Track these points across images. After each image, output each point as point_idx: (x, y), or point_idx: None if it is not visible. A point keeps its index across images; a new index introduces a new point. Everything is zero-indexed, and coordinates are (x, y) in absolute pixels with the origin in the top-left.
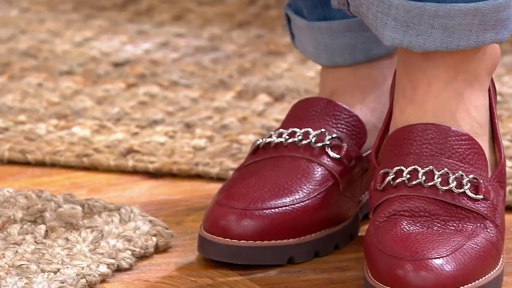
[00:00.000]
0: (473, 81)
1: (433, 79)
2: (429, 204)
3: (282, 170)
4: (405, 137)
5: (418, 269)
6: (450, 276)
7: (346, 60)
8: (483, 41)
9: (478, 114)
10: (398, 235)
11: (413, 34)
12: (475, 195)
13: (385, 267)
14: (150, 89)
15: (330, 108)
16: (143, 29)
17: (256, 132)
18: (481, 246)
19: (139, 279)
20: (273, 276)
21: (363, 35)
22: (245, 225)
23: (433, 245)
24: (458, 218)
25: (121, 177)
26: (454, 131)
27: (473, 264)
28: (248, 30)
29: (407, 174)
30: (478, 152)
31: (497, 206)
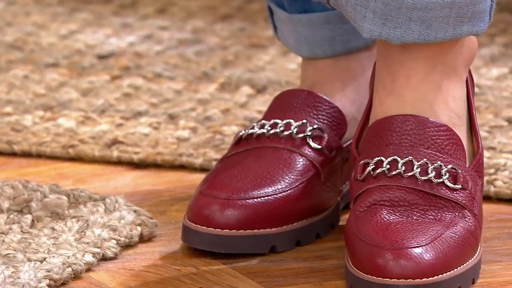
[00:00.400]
0: (451, 73)
1: (411, 71)
2: (409, 194)
3: (264, 161)
4: (385, 128)
5: (398, 257)
6: (429, 264)
7: (325, 52)
8: (460, 33)
9: (456, 105)
10: (378, 224)
11: (391, 27)
12: (453, 184)
13: (365, 256)
14: (134, 81)
15: (311, 100)
16: (127, 22)
17: (239, 123)
18: (459, 235)
19: (124, 267)
20: (256, 264)
21: (342, 27)
22: (228, 214)
23: (413, 234)
24: (437, 208)
25: (106, 168)
26: (432, 122)
27: (451, 253)
28: (231, 23)
29: (387, 164)
30: (456, 142)
31: (475, 195)
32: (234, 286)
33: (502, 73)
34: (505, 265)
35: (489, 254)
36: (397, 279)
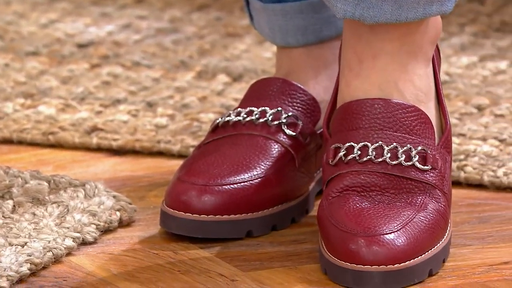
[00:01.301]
0: (417, 52)
1: (378, 51)
2: (380, 178)
3: (240, 148)
4: (354, 111)
5: (371, 244)
6: (401, 250)
7: (298, 40)
8: (430, 13)
9: (422, 83)
10: (351, 210)
11: (365, 7)
12: (423, 166)
13: (339, 242)
14: (113, 70)
15: (285, 88)
16: (106, 12)
17: (216, 111)
18: (430, 218)
19: (104, 252)
20: (232, 249)
21: (314, 16)
22: (205, 200)
23: (385, 220)
24: (408, 190)
25: (85, 154)
26: (400, 104)
27: (423, 237)
28: (207, 12)
29: (357, 150)
30: (425, 121)
31: (445, 173)
32: (211, 269)
33: (472, 61)
34: (474, 248)
35: (459, 238)
36: (370, 266)
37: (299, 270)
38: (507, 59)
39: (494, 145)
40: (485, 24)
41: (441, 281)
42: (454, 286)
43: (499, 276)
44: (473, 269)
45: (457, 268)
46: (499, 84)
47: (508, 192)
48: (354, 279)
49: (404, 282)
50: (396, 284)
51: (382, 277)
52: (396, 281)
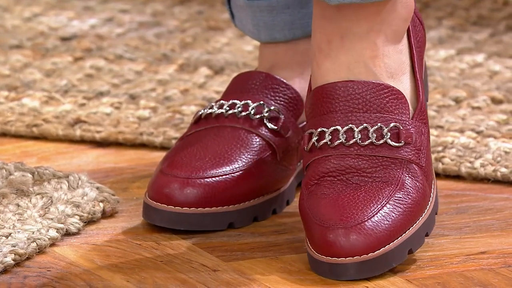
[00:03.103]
0: (386, 30)
1: (346, 31)
2: (354, 160)
3: (222, 140)
4: (324, 96)
5: (348, 234)
6: (379, 236)
7: (285, 35)
8: None
9: (392, 59)
10: (327, 200)
11: None
12: (396, 142)
13: (317, 235)
14: (96, 63)
15: (268, 82)
16: (89, 5)
17: (198, 103)
18: (408, 198)
19: (87, 242)
20: (214, 239)
21: (301, 11)
22: (187, 193)
23: (361, 205)
24: (383, 167)
25: (69, 146)
26: (369, 83)
27: (400, 218)
28: (189, 6)
29: (329, 135)
30: (397, 96)
31: (421, 146)
32: (193, 260)
33: (449, 54)
34: (452, 238)
35: (438, 228)
36: (344, 258)
37: (280, 260)
38: (484, 52)
39: (471, 137)
40: (462, 17)
41: (419, 271)
42: (432, 275)
43: (477, 265)
44: (451, 259)
45: (435, 258)
46: (476, 77)
47: (485, 183)
48: (331, 270)
49: (382, 268)
50: (372, 272)
51: (356, 268)
52: (372, 269)
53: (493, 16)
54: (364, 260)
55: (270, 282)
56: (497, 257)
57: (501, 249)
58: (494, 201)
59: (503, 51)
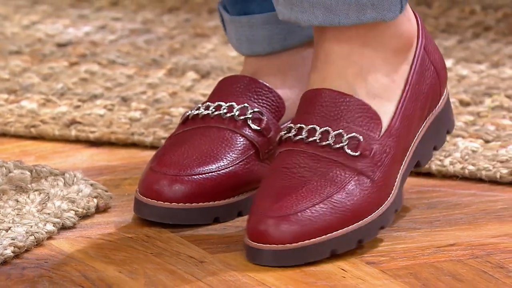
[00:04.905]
0: (371, 54)
1: (329, 51)
2: (307, 158)
3: (208, 140)
4: (305, 100)
5: (270, 222)
6: (301, 230)
7: (264, 49)
8: (363, 19)
9: (377, 83)
10: (269, 189)
11: (298, 11)
12: (352, 152)
13: (248, 219)
14: (90, 67)
15: (252, 85)
16: (83, 14)
17: (185, 105)
18: (346, 201)
19: (82, 236)
20: (201, 233)
21: (278, 27)
22: (176, 189)
23: (295, 199)
24: (333, 170)
25: (65, 146)
26: (350, 97)
27: (330, 218)
28: (177, 14)
29: (294, 130)
30: (372, 116)
31: (379, 163)
32: (181, 252)
33: None
34: (423, 232)
35: (409, 222)
36: (263, 243)
37: None
38: (453, 58)
39: None
40: (432, 25)
41: (393, 262)
42: (405, 266)
43: (446, 257)
44: (422, 251)
45: (407, 250)
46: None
47: (453, 180)
48: (249, 253)
49: (298, 260)
50: (287, 262)
51: (272, 255)
52: (287, 260)
53: (461, 24)
54: (278, 250)
55: (253, 273)
56: (465, 249)
57: (468, 242)
58: (462, 197)
59: (470, 57)
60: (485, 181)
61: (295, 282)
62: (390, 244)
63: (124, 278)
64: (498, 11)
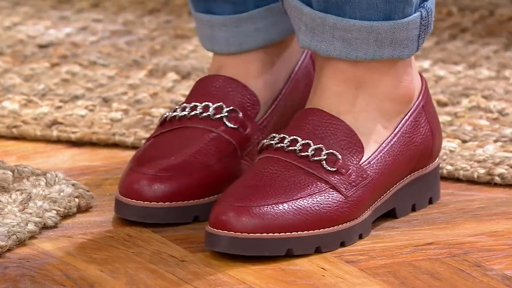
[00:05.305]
0: (367, 97)
1: (325, 86)
2: (284, 166)
3: (185, 140)
4: (295, 117)
5: (230, 211)
6: (260, 223)
7: (222, 49)
8: (381, 55)
9: (367, 125)
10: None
11: (318, 40)
12: (329, 167)
13: (214, 211)
14: (71, 68)
15: (227, 84)
16: (64, 15)
17: (166, 106)
18: (313, 207)
19: (64, 235)
20: (182, 232)
21: (236, 30)
22: (155, 189)
23: (262, 195)
24: (305, 179)
25: (46, 146)
26: (335, 118)
27: (292, 218)
28: (158, 16)
29: (277, 139)
30: (356, 144)
31: (353, 183)
32: (162, 251)
33: None
34: (402, 231)
35: (388, 221)
36: (221, 229)
37: None
38: (430, 59)
39: None
40: None
41: (371, 260)
42: (383, 265)
43: (424, 255)
44: (401, 250)
45: (386, 249)
46: None
47: None
48: (207, 239)
49: (253, 251)
50: (242, 251)
51: (228, 242)
52: (242, 248)
53: (438, 26)
54: (235, 237)
55: (233, 271)
56: (443, 247)
57: (446, 240)
58: (440, 196)
59: (447, 58)
60: (463, 180)
61: (275, 280)
62: (369, 243)
63: (105, 277)
64: (474, 13)
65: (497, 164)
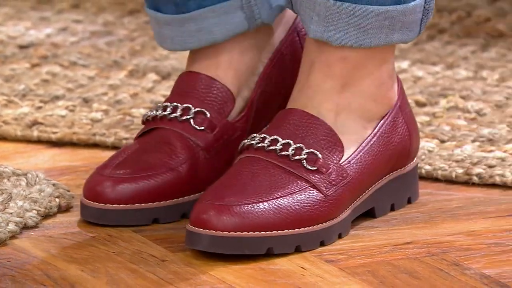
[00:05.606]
0: (349, 96)
1: (311, 83)
2: (264, 165)
3: (153, 141)
4: (276, 117)
5: (211, 210)
6: (240, 221)
7: (168, 47)
8: (391, 40)
9: (349, 125)
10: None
11: (332, 30)
12: (309, 166)
13: (194, 210)
14: (52, 69)
15: (200, 83)
16: (45, 16)
17: (146, 106)
18: (293, 205)
19: (44, 235)
20: (162, 232)
21: (180, 30)
22: (116, 191)
23: (241, 194)
24: (285, 178)
25: (27, 146)
26: (316, 118)
27: (273, 217)
28: (137, 17)
29: (258, 139)
30: (336, 143)
31: (333, 182)
32: (143, 251)
33: None
34: (381, 230)
35: (367, 221)
36: (202, 228)
37: None
38: (408, 60)
39: None
40: None
41: (351, 260)
42: (362, 264)
43: (403, 255)
44: (380, 249)
45: (365, 248)
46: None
47: None
48: (188, 237)
49: (234, 249)
50: (223, 249)
51: (209, 240)
52: (223, 247)
53: None
54: (215, 236)
55: (213, 271)
56: (421, 247)
57: (425, 240)
58: (419, 196)
59: (425, 59)
60: (441, 180)
61: (255, 280)
62: (349, 243)
63: (86, 276)
64: (452, 14)
65: (475, 164)
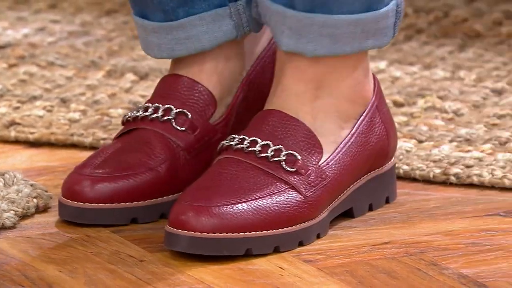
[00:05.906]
0: (325, 96)
1: (286, 87)
2: (243, 167)
3: (133, 141)
4: (254, 119)
5: (190, 211)
6: (219, 222)
7: (155, 54)
8: (366, 46)
9: (327, 126)
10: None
11: (305, 42)
12: (288, 167)
13: (173, 211)
14: (29, 69)
15: (179, 85)
16: (22, 16)
17: (124, 106)
18: (272, 206)
19: (22, 236)
20: (140, 232)
21: (167, 37)
22: (94, 190)
23: (222, 195)
24: (264, 179)
25: (4, 146)
26: (294, 119)
27: (252, 218)
28: (115, 17)
29: (237, 140)
30: (314, 144)
31: (312, 183)
32: (121, 251)
33: None
34: (359, 230)
35: (346, 221)
36: (180, 229)
37: None
38: (386, 60)
39: None
40: None
41: (329, 260)
42: (341, 264)
43: (381, 255)
44: (358, 249)
45: (343, 248)
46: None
47: None
48: (167, 239)
49: (212, 250)
50: (202, 250)
51: (188, 241)
52: (202, 248)
53: None
54: (194, 237)
55: (192, 271)
56: (399, 247)
57: (403, 240)
58: (397, 196)
59: (403, 59)
60: (419, 180)
61: (233, 280)
62: (327, 243)
63: (64, 277)
64: (430, 14)
65: (452, 164)
